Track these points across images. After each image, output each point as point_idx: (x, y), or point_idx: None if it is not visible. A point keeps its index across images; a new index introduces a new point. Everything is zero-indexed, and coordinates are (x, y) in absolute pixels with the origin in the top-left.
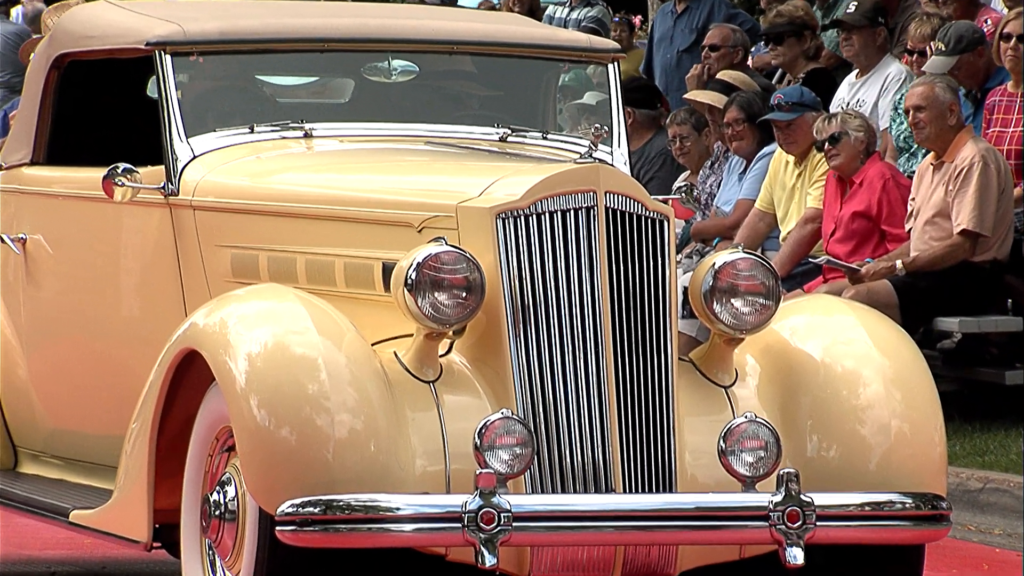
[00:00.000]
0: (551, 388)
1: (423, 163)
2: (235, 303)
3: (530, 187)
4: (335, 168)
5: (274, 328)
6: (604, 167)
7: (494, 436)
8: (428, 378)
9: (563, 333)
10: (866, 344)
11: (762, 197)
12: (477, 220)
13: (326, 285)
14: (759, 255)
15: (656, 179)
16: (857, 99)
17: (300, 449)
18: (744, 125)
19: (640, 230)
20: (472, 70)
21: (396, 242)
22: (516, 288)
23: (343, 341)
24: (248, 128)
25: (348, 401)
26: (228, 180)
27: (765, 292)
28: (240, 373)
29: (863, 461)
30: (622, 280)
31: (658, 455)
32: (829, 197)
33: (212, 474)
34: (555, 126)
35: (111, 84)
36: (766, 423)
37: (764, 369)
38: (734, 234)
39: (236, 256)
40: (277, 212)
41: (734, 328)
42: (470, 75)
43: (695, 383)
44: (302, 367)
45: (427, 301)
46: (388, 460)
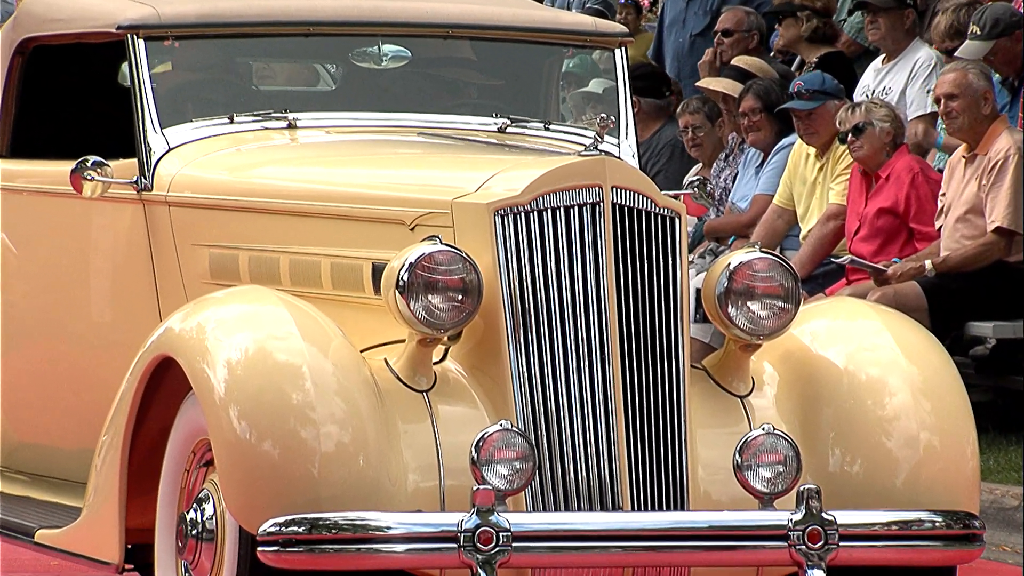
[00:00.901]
0: (553, 398)
1: (416, 156)
2: (213, 306)
3: (531, 182)
4: (321, 161)
5: (255, 333)
6: (610, 160)
7: (492, 449)
8: (421, 387)
9: (566, 339)
10: (893, 351)
11: (780, 192)
12: (474, 217)
13: (311, 287)
14: (777, 255)
15: (666, 173)
16: (883, 87)
17: (283, 464)
18: (761, 115)
19: (649, 228)
20: (469, 56)
21: (387, 241)
22: (516, 290)
23: (330, 347)
24: (227, 118)
25: (335, 412)
26: (206, 174)
27: (784, 294)
28: (219, 382)
29: (889, 476)
30: (630, 282)
31: (669, 470)
32: (853, 192)
33: (188, 491)
34: (558, 116)
35: (80, 71)
36: (785, 436)
37: (783, 377)
38: (750, 232)
39: (215, 256)
40: (259, 208)
41: (751, 333)
42: (466, 61)
43: (709, 392)
44: (286, 375)
45: (420, 304)
46: (378, 475)
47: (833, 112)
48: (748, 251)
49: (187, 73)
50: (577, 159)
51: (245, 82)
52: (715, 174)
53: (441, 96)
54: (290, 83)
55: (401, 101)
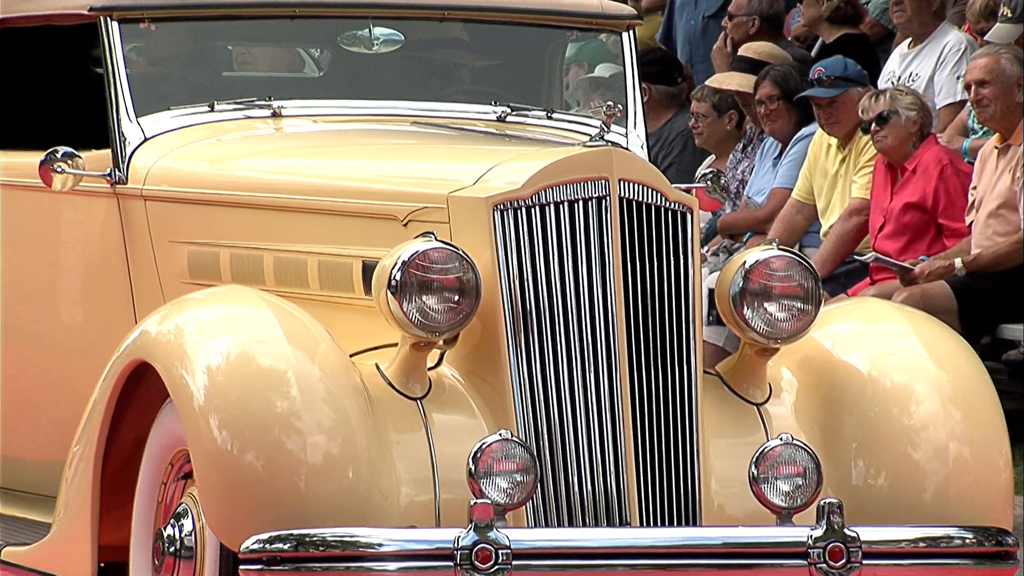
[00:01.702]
0: (556, 406)
1: (409, 146)
2: (192, 308)
3: (533, 174)
4: (308, 152)
5: (237, 337)
6: (618, 151)
7: (491, 461)
8: (415, 394)
9: (571, 342)
10: (920, 355)
11: (800, 186)
12: (471, 212)
13: (297, 287)
14: (796, 252)
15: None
16: (910, 73)
17: (267, 476)
18: (779, 103)
19: (659, 224)
20: (465, 39)
21: (378, 237)
22: (516, 290)
23: (317, 352)
24: (207, 106)
25: (323, 421)
26: (184, 166)
27: (803, 295)
28: (198, 389)
29: (916, 490)
30: (639, 281)
31: (680, 483)
32: (877, 186)
33: (166, 505)
34: (561, 104)
35: (49, 56)
36: (804, 446)
37: (802, 384)
38: (767, 228)
39: (194, 254)
40: (241, 203)
41: (768, 336)
42: (463, 45)
43: (723, 400)
44: (270, 382)
45: (414, 306)
46: (369, 489)
47: (856, 100)
48: (765, 249)
49: (164, 58)
50: (582, 150)
51: (226, 68)
52: (731, 166)
53: (436, 82)
54: (274, 69)
55: (393, 88)
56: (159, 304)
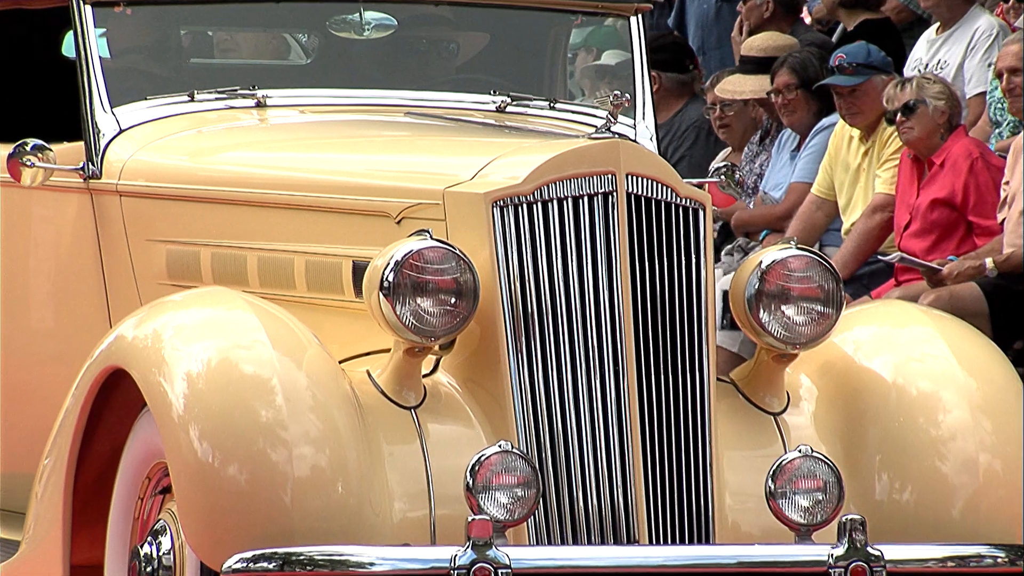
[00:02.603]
0: (560, 415)
1: (403, 139)
2: (171, 311)
3: (534, 168)
4: (294, 145)
5: (219, 342)
6: (625, 143)
7: (490, 474)
8: (409, 403)
9: (575, 348)
10: (948, 361)
11: (820, 180)
12: (469, 209)
13: (283, 289)
14: (816, 252)
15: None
16: (938, 60)
17: (251, 490)
18: (797, 92)
19: (669, 221)
20: (462, 24)
21: (370, 236)
22: (517, 292)
23: (304, 358)
24: (187, 96)
25: (310, 431)
26: (163, 159)
27: (823, 297)
28: (177, 397)
29: (944, 505)
30: (647, 282)
31: (692, 498)
32: (903, 181)
33: (143, 521)
34: (565, 93)
35: (18, 41)
36: (825, 459)
37: (822, 392)
38: (785, 226)
39: (172, 253)
40: (223, 199)
41: (785, 342)
42: (460, 30)
43: (737, 409)
44: (254, 390)
45: (408, 308)
46: (359, 504)
47: (880, 89)
48: (783, 248)
49: (141, 44)
50: (587, 142)
51: (207, 55)
52: (747, 159)
53: (431, 71)
54: (258, 56)
55: (385, 76)
56: (135, 307)
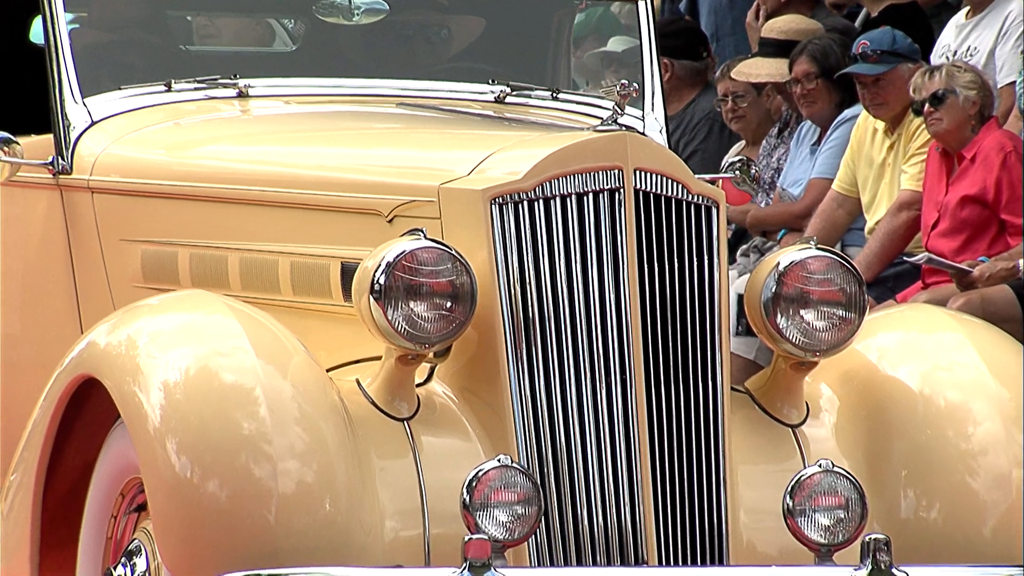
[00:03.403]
0: (563, 428)
1: (395, 131)
2: (146, 315)
3: (536, 163)
4: (279, 138)
5: (198, 349)
6: (633, 136)
7: (488, 491)
8: (401, 414)
9: (579, 355)
10: (979, 370)
11: (842, 176)
12: (466, 206)
13: (267, 292)
14: (838, 252)
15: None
16: (967, 47)
17: (233, 508)
18: (818, 81)
19: (680, 220)
20: (459, 8)
21: (359, 235)
22: (517, 296)
23: (289, 366)
24: (164, 85)
25: (296, 445)
26: (138, 154)
27: (845, 301)
28: (153, 408)
29: (975, 524)
30: (656, 285)
31: (704, 516)
32: (931, 176)
33: (116, 541)
34: (568, 83)
35: None
36: (847, 474)
37: (844, 403)
38: (805, 224)
39: (148, 254)
40: (202, 196)
41: (805, 348)
42: (456, 14)
43: (753, 421)
44: (235, 400)
45: (400, 313)
46: (349, 522)
47: (906, 77)
48: (802, 248)
49: (114, 30)
50: (592, 135)
51: (186, 41)
52: (764, 153)
53: (425, 58)
54: (240, 42)
55: (376, 64)
56: (108, 311)
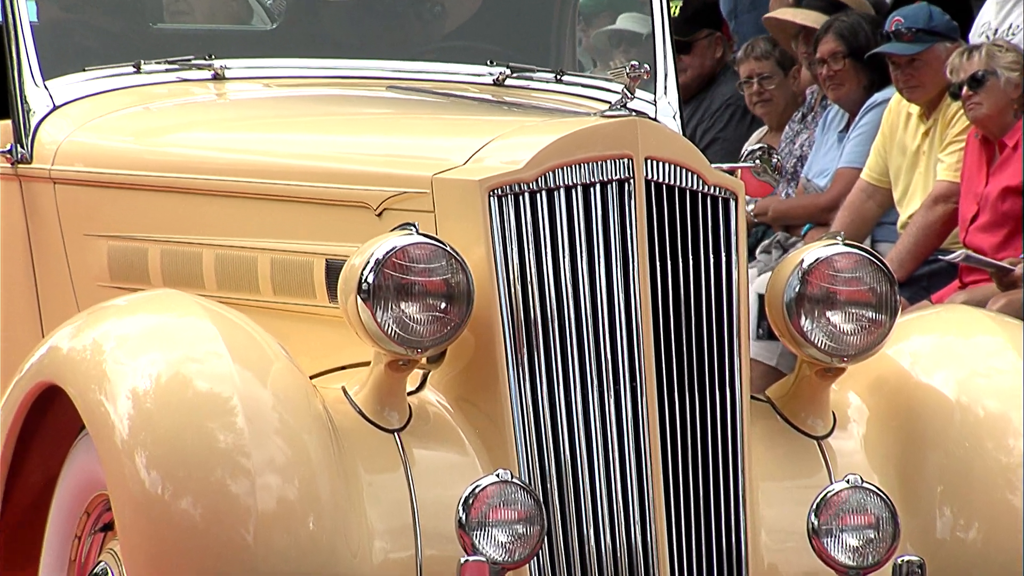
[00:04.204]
0: (568, 440)
1: (384, 117)
2: (113, 317)
3: (538, 151)
4: (258, 124)
5: (169, 354)
6: (645, 122)
7: (487, 508)
8: (391, 425)
9: (585, 361)
10: (1021, 376)
11: (872, 165)
12: (462, 198)
13: (245, 292)
14: (867, 249)
15: (723, 141)
16: (1009, 24)
17: (208, 527)
18: (846, 62)
19: (696, 213)
20: None
21: (346, 230)
22: (518, 296)
23: (269, 373)
24: (133, 66)
25: (276, 458)
26: (104, 141)
27: (875, 302)
28: (120, 418)
29: (1016, 544)
30: (670, 284)
31: (722, 536)
32: (970, 166)
33: (80, 563)
34: (574, 64)
35: None
36: (877, 491)
37: (874, 413)
38: (831, 218)
39: (115, 250)
40: (174, 187)
41: (831, 354)
42: None
43: (775, 432)
44: (210, 410)
45: (390, 315)
46: (334, 542)
47: (943, 58)
48: (828, 244)
49: (78, 6)
50: (600, 121)
51: (156, 18)
52: (787, 139)
53: (418, 37)
54: (215, 20)
55: (364, 44)
56: (72, 313)
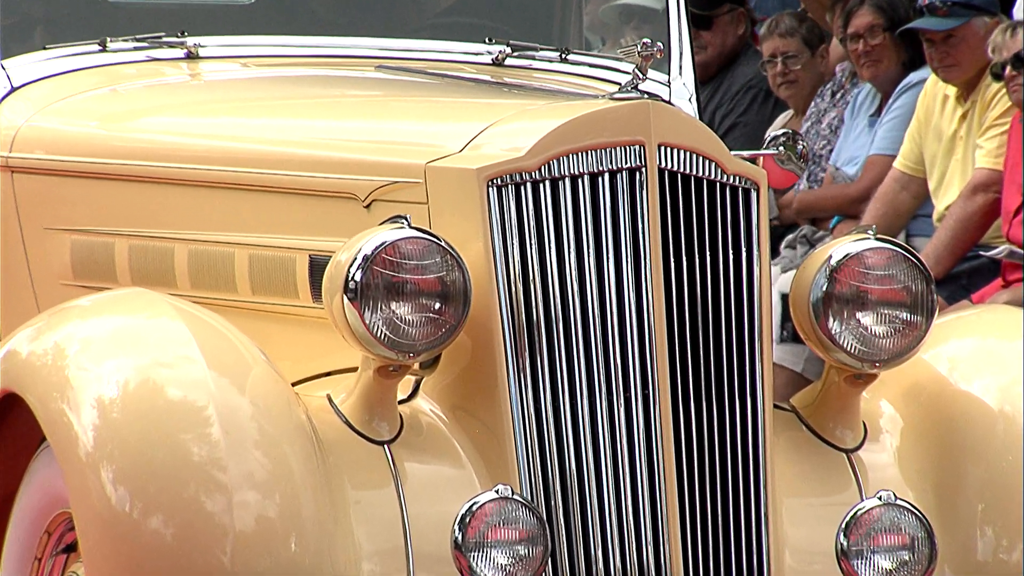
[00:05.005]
0: (573, 452)
1: (373, 100)
2: (77, 319)
3: (541, 138)
4: (235, 108)
5: (138, 359)
6: (658, 106)
7: (485, 528)
8: (381, 436)
9: (593, 366)
10: None
11: (906, 151)
12: (458, 189)
13: (221, 291)
14: (901, 244)
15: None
16: None
17: (180, 548)
18: (884, 36)
19: (714, 204)
20: None
21: (331, 223)
22: (519, 295)
23: (248, 379)
24: (98, 44)
25: (255, 473)
26: (67, 126)
27: (910, 302)
28: (85, 429)
29: None
30: (685, 282)
31: (743, 557)
32: (1014, 152)
33: None
34: (580, 42)
35: None
36: (912, 508)
37: (909, 423)
38: (862, 210)
39: (79, 245)
40: (144, 176)
41: (862, 358)
42: None
43: (800, 445)
44: (183, 420)
45: (380, 316)
46: (318, 564)
47: (982, 34)
48: (858, 238)
49: None
50: (609, 104)
51: None
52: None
53: (410, 12)
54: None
55: (351, 20)
56: (32, 314)
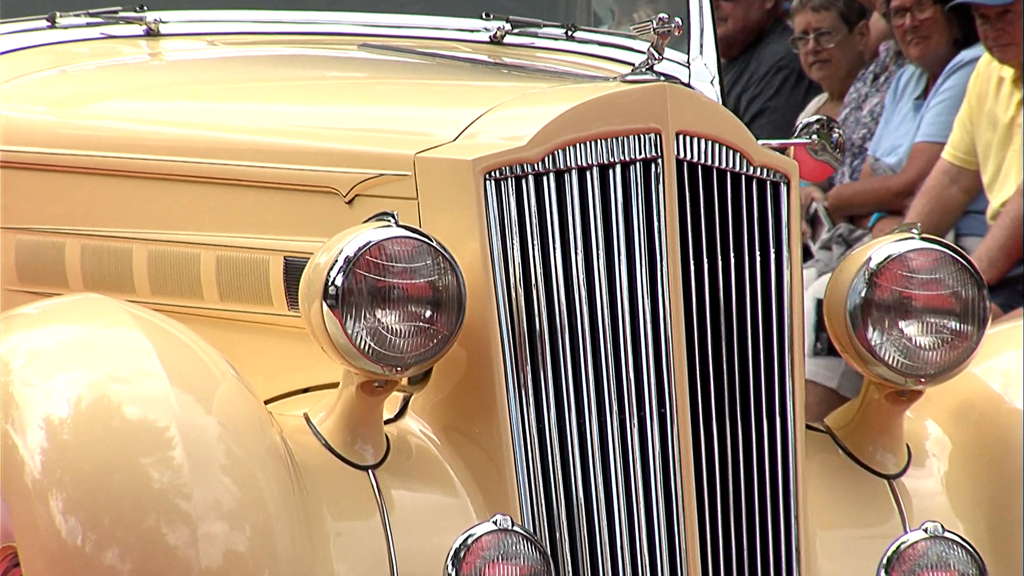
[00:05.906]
0: (581, 477)
1: (356, 83)
2: (23, 328)
3: (545, 125)
4: (200, 92)
5: (92, 373)
6: (676, 89)
7: (482, 563)
8: (365, 461)
9: (603, 381)
10: None
11: (955, 141)
12: (451, 182)
13: (185, 297)
14: (950, 244)
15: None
16: None
17: None
18: (935, 9)
19: (739, 200)
20: None
21: (309, 221)
22: (520, 301)
23: (215, 396)
24: (47, 20)
25: (223, 501)
26: (11, 112)
27: (960, 310)
28: (32, 453)
29: None
30: (706, 287)
31: None
32: None
33: None
34: (589, 18)
35: None
36: (962, 542)
37: (958, 446)
38: (905, 205)
39: (25, 245)
40: (99, 169)
41: (906, 373)
42: None
43: (836, 470)
44: (142, 442)
45: (364, 325)
46: None
47: None
48: (901, 238)
49: None
50: (620, 87)
51: None
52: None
53: None
54: None
55: None
56: None
